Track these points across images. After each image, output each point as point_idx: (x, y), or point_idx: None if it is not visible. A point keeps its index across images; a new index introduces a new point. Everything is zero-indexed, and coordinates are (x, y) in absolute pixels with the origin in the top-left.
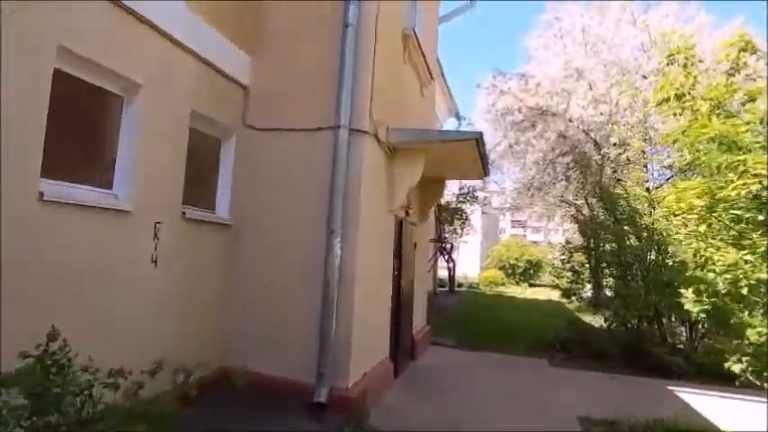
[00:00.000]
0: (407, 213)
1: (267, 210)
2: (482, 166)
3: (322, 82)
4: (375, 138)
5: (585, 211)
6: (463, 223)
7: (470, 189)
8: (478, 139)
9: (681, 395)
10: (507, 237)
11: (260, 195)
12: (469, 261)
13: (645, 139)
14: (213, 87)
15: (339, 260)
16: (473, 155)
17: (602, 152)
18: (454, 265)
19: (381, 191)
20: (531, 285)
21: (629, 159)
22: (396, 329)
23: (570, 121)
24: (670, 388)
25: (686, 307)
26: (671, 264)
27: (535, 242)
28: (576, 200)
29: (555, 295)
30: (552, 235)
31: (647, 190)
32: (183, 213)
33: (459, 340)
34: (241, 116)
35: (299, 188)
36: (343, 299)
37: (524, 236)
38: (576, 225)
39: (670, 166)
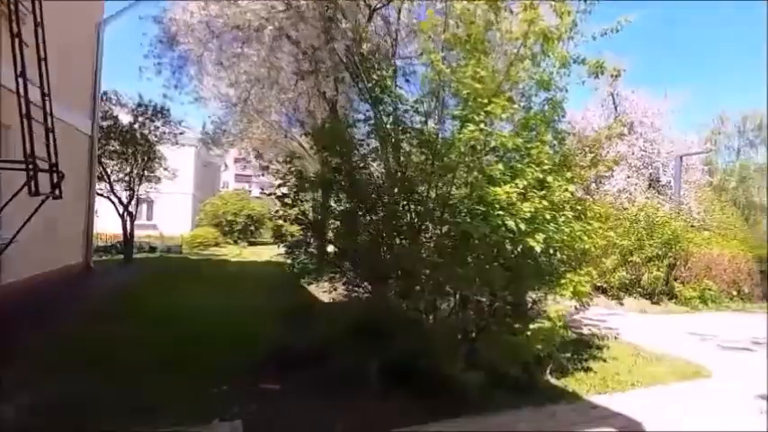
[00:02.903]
0: None
1: None
2: None
3: None
4: None
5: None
6: (149, 159)
7: (154, 106)
8: None
9: None
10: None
11: None
12: (179, 218)
13: None
14: None
15: None
16: None
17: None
18: (132, 221)
19: None
20: (251, 244)
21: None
22: None
23: None
24: None
25: None
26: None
27: (260, 197)
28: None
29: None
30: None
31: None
32: None
33: (71, 395)
34: None
35: None
36: None
37: (250, 191)
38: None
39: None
